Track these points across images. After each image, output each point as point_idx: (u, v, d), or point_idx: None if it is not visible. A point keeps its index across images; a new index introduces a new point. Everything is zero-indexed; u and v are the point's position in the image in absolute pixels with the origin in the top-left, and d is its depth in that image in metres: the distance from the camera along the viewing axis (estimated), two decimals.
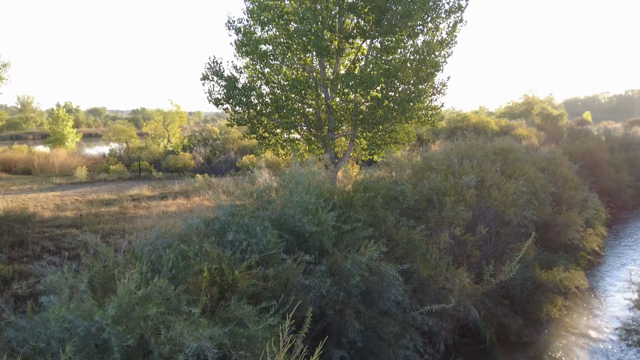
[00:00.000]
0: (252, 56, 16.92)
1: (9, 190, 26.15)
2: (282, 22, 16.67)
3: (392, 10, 15.85)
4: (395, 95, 16.47)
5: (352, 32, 16.85)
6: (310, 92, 16.89)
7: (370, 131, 17.33)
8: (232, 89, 16.93)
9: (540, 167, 16.51)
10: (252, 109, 17.26)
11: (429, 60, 16.11)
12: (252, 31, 17.22)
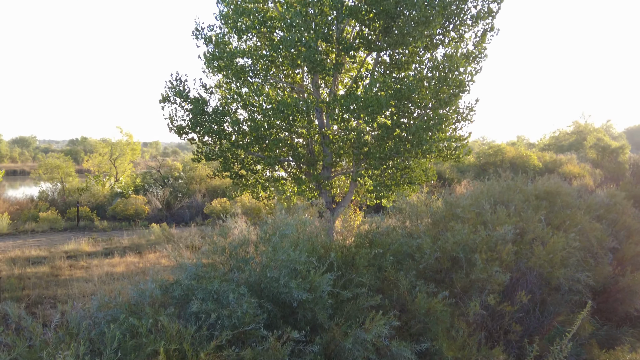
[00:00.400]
0: (226, 72, 17.13)
1: None
2: (264, 29, 16.97)
3: (404, 15, 16.18)
4: (409, 122, 16.64)
5: (353, 43, 17.15)
6: (300, 118, 17.04)
7: (378, 168, 17.42)
8: (199, 114, 17.05)
9: (596, 215, 16.55)
10: (225, 140, 17.34)
11: (451, 79, 16.35)
12: (227, 41, 17.49)
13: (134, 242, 25.93)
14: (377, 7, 16.13)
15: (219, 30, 17.66)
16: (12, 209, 36.42)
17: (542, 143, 75.85)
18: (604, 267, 14.86)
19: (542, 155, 48.86)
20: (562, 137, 72.98)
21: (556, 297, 13.10)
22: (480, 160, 46.61)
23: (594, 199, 17.50)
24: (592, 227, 15.23)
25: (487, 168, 44.18)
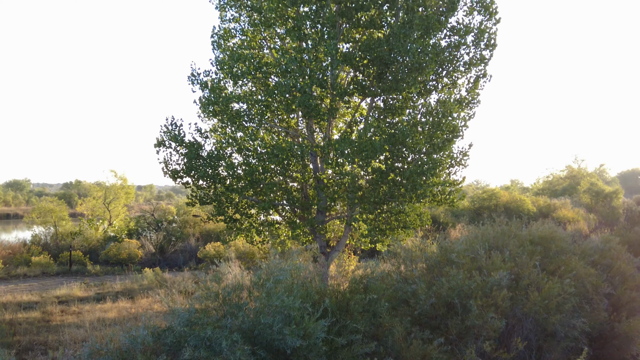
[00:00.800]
0: (221, 117, 17.25)
1: None
2: (260, 75, 17.15)
3: (397, 62, 16.40)
4: (404, 166, 16.70)
5: (348, 88, 17.33)
6: (294, 162, 17.09)
7: (372, 212, 17.42)
8: (194, 158, 17.10)
9: (591, 260, 16.54)
10: (219, 184, 17.36)
11: (445, 124, 16.48)
12: (222, 86, 17.67)
13: (127, 287, 25.70)
14: (371, 53, 16.35)
15: (215, 75, 17.85)
16: (4, 253, 36.16)
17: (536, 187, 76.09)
18: (599, 313, 14.78)
19: (536, 200, 49.01)
20: (555, 181, 73.32)
21: (552, 343, 13.01)
22: (475, 204, 46.70)
23: (589, 244, 17.50)
24: (587, 272, 15.20)
25: (481, 212, 44.22)
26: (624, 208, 49.17)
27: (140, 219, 43.81)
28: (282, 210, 18.89)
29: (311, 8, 16.86)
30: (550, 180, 75.71)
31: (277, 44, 19.17)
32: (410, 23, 16.17)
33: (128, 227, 42.74)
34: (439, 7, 17.42)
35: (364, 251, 26.24)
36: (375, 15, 17.27)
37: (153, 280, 26.12)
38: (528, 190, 76.00)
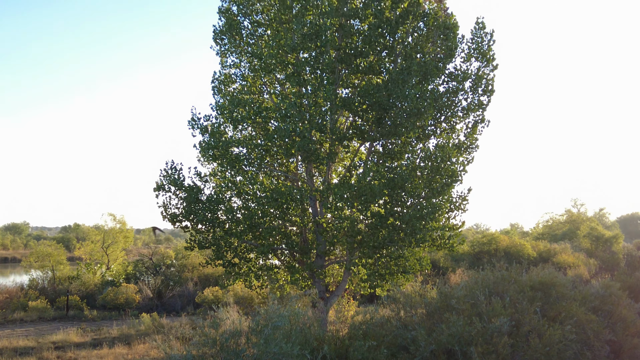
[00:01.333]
0: (220, 161, 17.32)
1: None
2: (259, 119, 17.29)
3: (396, 107, 16.55)
4: (403, 211, 16.70)
5: (347, 133, 17.45)
6: (294, 207, 17.10)
7: (372, 257, 17.35)
8: (193, 202, 17.11)
9: (592, 306, 16.39)
10: (218, 228, 17.33)
11: (443, 168, 16.54)
12: (222, 131, 17.79)
13: (124, 333, 25.42)
14: (369, 99, 16.51)
15: (215, 120, 17.99)
16: (1, 297, 35.85)
17: (536, 232, 75.91)
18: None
19: (536, 245, 48.84)
20: (555, 226, 73.15)
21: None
22: (475, 249, 46.51)
23: (589, 290, 17.38)
24: (588, 318, 15.06)
25: (481, 257, 44.03)
26: (624, 253, 48.99)
27: (139, 263, 43.54)
28: (281, 254, 18.82)
29: (311, 54, 17.10)
30: (550, 225, 75.57)
31: (277, 89, 19.40)
32: (408, 69, 16.38)
33: (126, 271, 42.44)
34: (437, 53, 17.68)
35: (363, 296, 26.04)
36: (374, 61, 17.52)
37: (150, 325, 25.84)
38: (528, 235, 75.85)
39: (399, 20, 17.01)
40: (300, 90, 17.65)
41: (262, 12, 18.95)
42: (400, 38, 17.54)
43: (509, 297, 14.41)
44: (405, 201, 16.84)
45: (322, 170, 18.73)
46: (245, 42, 19.07)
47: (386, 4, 17.32)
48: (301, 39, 16.78)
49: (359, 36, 17.51)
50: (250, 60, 18.76)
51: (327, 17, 16.76)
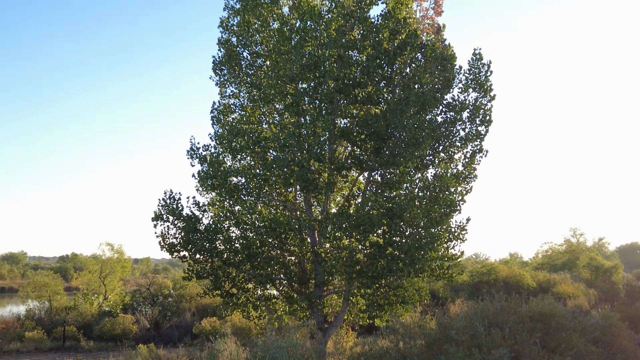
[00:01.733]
0: (219, 190, 17.32)
1: None
2: (258, 149, 17.33)
3: (395, 137, 16.62)
4: (402, 241, 16.66)
5: (345, 163, 17.48)
6: (292, 236, 17.04)
7: (370, 287, 17.26)
8: (192, 232, 17.06)
9: (592, 337, 16.27)
10: (216, 258, 17.26)
11: (442, 198, 16.54)
12: (221, 160, 17.81)
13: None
14: (368, 128, 16.58)
15: (214, 150, 18.02)
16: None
17: (535, 262, 75.59)
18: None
19: (535, 275, 48.58)
20: (554, 256, 72.86)
21: None
22: (474, 279, 46.24)
23: (589, 321, 17.27)
24: (588, 350, 14.94)
25: (480, 287, 43.76)
26: (624, 283, 48.76)
27: (136, 294, 43.26)
28: (279, 284, 18.71)
29: (310, 85, 17.21)
30: (550, 255, 75.31)
31: (275, 119, 19.49)
32: (406, 99, 16.48)
33: (123, 301, 42.14)
34: (435, 84, 17.81)
35: (362, 327, 25.83)
36: (372, 91, 17.63)
37: (147, 357, 25.56)
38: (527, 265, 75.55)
39: (397, 52, 17.16)
40: (299, 120, 17.73)
41: (261, 43, 19.13)
42: (399, 69, 17.69)
43: (508, 328, 14.30)
44: (404, 231, 16.82)
45: (320, 200, 18.72)
46: (244, 72, 19.22)
47: (384, 36, 17.49)
48: (300, 70, 16.90)
49: (358, 67, 17.65)
50: (249, 90, 18.88)
51: (325, 48, 16.91)
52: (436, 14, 18.25)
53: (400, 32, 17.51)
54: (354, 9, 17.80)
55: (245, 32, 18.95)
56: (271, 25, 18.99)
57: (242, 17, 18.93)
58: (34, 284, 42.76)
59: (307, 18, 17.54)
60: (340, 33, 17.76)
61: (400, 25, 17.51)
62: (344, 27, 17.88)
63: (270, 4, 18.75)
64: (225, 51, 19.22)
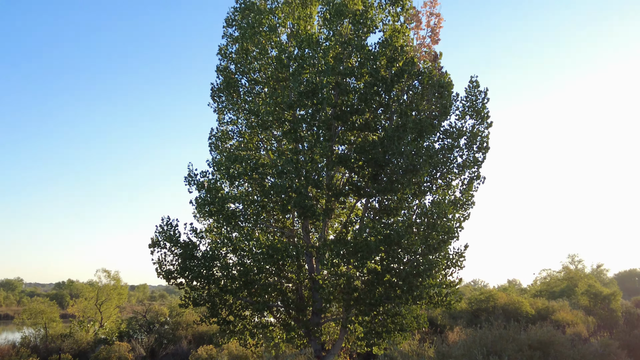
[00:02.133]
0: (216, 217, 17.28)
1: None
2: (256, 176, 17.34)
3: (392, 164, 16.64)
4: (399, 267, 16.58)
5: (343, 189, 17.47)
6: (290, 263, 16.98)
7: (368, 314, 17.13)
8: (189, 259, 16.99)
9: None
10: (213, 285, 17.17)
11: (439, 225, 16.49)
12: (219, 187, 17.80)
13: None
14: (365, 155, 16.61)
15: (212, 176, 18.03)
16: None
17: (534, 289, 75.40)
18: None
19: (534, 302, 48.35)
20: (553, 283, 72.70)
21: None
22: (472, 306, 46.01)
23: (588, 349, 17.16)
24: None
25: (479, 314, 43.52)
26: (623, 310, 48.59)
27: (132, 321, 42.95)
28: (276, 311, 18.59)
29: (307, 111, 17.29)
30: (548, 282, 75.15)
31: (273, 145, 19.54)
32: (404, 126, 16.54)
33: (119, 329, 41.83)
34: (432, 111, 17.89)
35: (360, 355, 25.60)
36: (369, 118, 17.70)
37: None
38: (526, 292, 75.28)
39: (394, 79, 17.26)
40: (296, 146, 17.77)
41: (259, 71, 19.26)
42: (396, 96, 17.77)
43: (507, 356, 14.20)
44: (402, 258, 16.74)
45: (318, 227, 18.69)
46: (242, 99, 19.32)
47: (382, 63, 17.60)
48: (298, 97, 16.99)
49: (355, 94, 17.73)
50: (247, 117, 18.95)
51: (323, 76, 17.01)
52: (433, 42, 18.41)
53: (397, 59, 17.63)
54: (352, 37, 17.94)
55: (244, 60, 19.09)
56: (269, 53, 19.13)
57: (241, 45, 19.10)
58: (30, 310, 42.50)
59: (305, 46, 17.68)
60: (337, 60, 17.88)
61: (397, 53, 17.64)
62: (342, 54, 18.00)
63: (268, 32, 18.93)
64: (223, 78, 19.35)
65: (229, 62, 19.55)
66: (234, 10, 19.74)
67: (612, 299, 53.63)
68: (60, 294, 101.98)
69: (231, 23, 19.78)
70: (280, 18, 19.36)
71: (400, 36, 18.20)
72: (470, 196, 18.11)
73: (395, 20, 18.60)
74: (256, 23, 18.86)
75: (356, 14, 18.12)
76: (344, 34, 18.09)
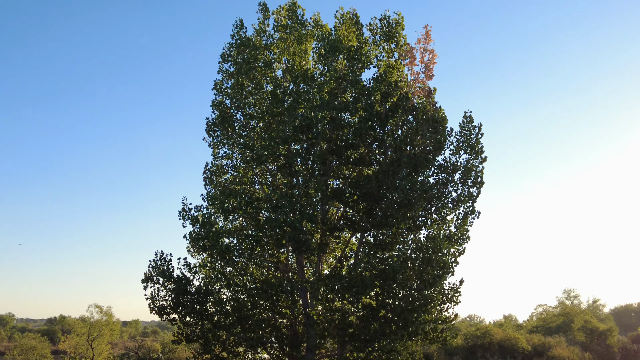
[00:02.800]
0: (210, 251, 17.18)
1: None
2: (250, 210, 17.29)
3: (387, 198, 16.63)
4: (395, 303, 16.47)
5: (338, 224, 17.41)
6: (284, 298, 16.83)
7: (363, 350, 16.95)
8: (182, 294, 16.85)
9: None
10: (207, 320, 17.00)
11: (435, 260, 16.43)
12: (213, 221, 17.73)
13: None
14: (360, 189, 16.62)
15: (206, 210, 17.98)
16: None
17: (530, 325, 74.87)
18: None
19: (530, 338, 47.97)
20: (549, 318, 72.24)
21: None
22: (468, 342, 45.60)
23: None
24: None
25: (475, 350, 43.11)
26: (620, 347, 48.25)
27: (124, 357, 42.45)
28: (270, 348, 18.36)
29: (302, 146, 17.34)
30: (544, 317, 74.68)
31: (268, 179, 19.53)
32: (398, 161, 16.58)
33: None
34: (427, 146, 17.94)
35: None
36: (364, 153, 17.74)
37: None
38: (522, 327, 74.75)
39: (388, 114, 17.36)
40: (291, 181, 17.77)
41: (254, 105, 19.35)
42: (390, 131, 17.84)
43: None
44: (397, 293, 16.65)
45: (313, 261, 18.59)
46: (237, 133, 19.37)
47: (376, 98, 17.72)
48: (293, 131, 17.04)
49: (350, 129, 17.80)
50: (242, 151, 18.97)
51: (318, 110, 17.09)
52: (427, 77, 18.55)
53: (392, 95, 17.76)
54: (346, 73, 18.09)
55: (239, 95, 19.20)
56: (264, 88, 19.27)
57: (236, 80, 19.23)
58: (21, 347, 42.01)
59: (300, 81, 17.81)
60: (332, 95, 17.99)
61: (391, 89, 17.77)
62: (337, 89, 18.12)
63: (264, 68, 19.07)
64: (218, 113, 19.43)
65: (224, 97, 19.66)
66: (229, 46, 19.90)
67: (608, 334, 53.32)
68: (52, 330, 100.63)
69: (227, 59, 19.93)
70: (276, 54, 19.53)
71: (395, 72, 18.37)
72: (465, 231, 18.07)
73: (389, 56, 18.82)
74: (252, 59, 19.01)
75: (351, 50, 18.30)
76: (338, 70, 18.24)
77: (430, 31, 18.46)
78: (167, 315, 17.29)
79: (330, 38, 18.58)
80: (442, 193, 17.88)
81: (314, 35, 19.66)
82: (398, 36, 18.82)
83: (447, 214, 18.12)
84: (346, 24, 19.11)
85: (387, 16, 18.86)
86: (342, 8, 19.31)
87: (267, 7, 19.81)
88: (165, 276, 17.13)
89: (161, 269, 17.25)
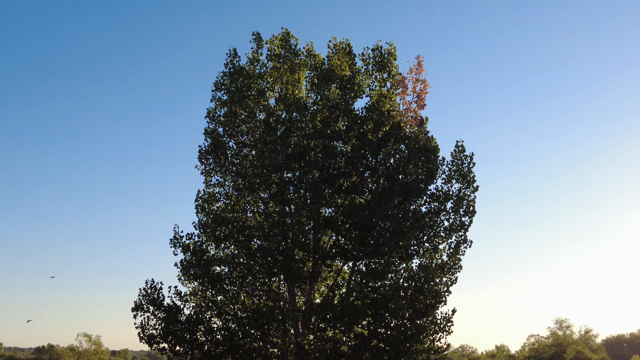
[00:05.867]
0: (201, 280, 17.06)
1: None
2: (242, 238, 17.22)
3: (379, 226, 16.60)
4: (387, 332, 16.36)
5: (330, 252, 17.34)
6: (275, 327, 16.68)
7: None
8: (172, 323, 16.67)
9: None
10: (197, 350, 16.80)
11: (427, 289, 16.38)
12: (204, 249, 17.64)
13: None
14: (352, 218, 16.59)
15: (197, 238, 17.89)
16: None
17: (522, 355, 74.48)
18: None
19: None
20: (541, 349, 71.86)
21: None
22: None
23: None
24: None
25: None
26: None
27: None
28: None
29: (295, 174, 17.35)
30: (536, 348, 74.28)
31: (260, 207, 19.46)
32: (390, 189, 16.60)
33: None
34: (419, 174, 17.97)
35: None
36: (356, 181, 17.75)
37: None
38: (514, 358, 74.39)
39: (381, 143, 17.42)
40: (283, 209, 17.73)
41: (247, 133, 19.34)
42: (383, 159, 17.89)
43: None
44: (389, 322, 16.55)
45: (304, 290, 18.46)
46: (230, 161, 19.33)
47: (368, 127, 17.79)
48: (285, 159, 17.05)
49: (342, 157, 17.83)
50: (234, 179, 18.93)
51: (311, 139, 17.13)
52: (419, 107, 18.67)
53: (384, 124, 17.84)
54: (339, 102, 18.17)
55: (232, 123, 19.20)
56: (257, 116, 19.28)
57: (229, 108, 19.23)
58: None
59: (293, 109, 17.87)
60: (325, 124, 18.04)
61: (384, 118, 17.86)
62: (329, 118, 18.19)
63: (256, 96, 19.11)
64: (211, 141, 19.40)
65: (217, 125, 19.64)
66: (222, 74, 19.94)
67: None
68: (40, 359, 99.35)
69: (220, 87, 19.94)
70: (269, 83, 19.59)
71: (387, 101, 18.48)
72: (458, 260, 18.03)
73: (382, 86, 18.95)
74: (245, 87, 19.05)
75: (343, 79, 18.42)
76: (331, 99, 18.33)
77: (422, 61, 18.65)
78: (157, 344, 17.07)
79: (323, 67, 18.69)
80: (434, 222, 17.88)
81: (307, 64, 19.76)
82: (390, 66, 18.96)
83: (440, 242, 18.10)
84: (339, 53, 19.23)
85: (379, 46, 19.02)
86: (335, 38, 19.47)
87: (260, 37, 19.88)
88: (156, 304, 16.95)
89: (151, 297, 17.08)
